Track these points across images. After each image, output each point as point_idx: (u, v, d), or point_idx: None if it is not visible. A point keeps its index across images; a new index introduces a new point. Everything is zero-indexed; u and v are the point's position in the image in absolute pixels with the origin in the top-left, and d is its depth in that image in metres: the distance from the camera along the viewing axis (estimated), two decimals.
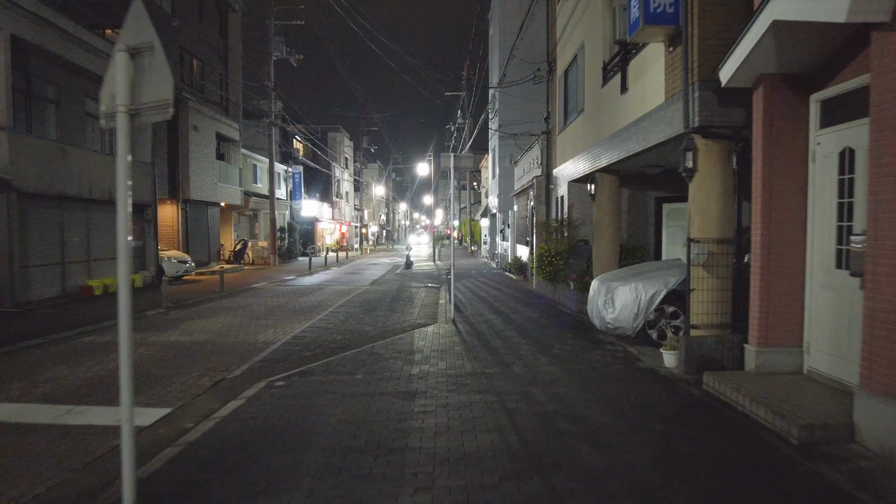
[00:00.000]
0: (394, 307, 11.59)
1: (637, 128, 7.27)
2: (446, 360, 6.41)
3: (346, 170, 46.90)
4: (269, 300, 12.83)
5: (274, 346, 7.68)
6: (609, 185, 9.40)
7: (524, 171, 17.33)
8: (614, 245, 9.44)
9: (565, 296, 10.45)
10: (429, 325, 9.21)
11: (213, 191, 21.89)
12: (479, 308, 10.99)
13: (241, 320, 9.91)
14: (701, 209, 5.63)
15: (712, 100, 5.44)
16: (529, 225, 16.04)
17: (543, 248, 11.48)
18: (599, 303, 7.04)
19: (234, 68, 24.92)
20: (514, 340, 7.56)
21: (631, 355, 6.48)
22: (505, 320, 9.36)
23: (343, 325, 9.40)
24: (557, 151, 12.74)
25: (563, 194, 12.22)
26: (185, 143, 19.62)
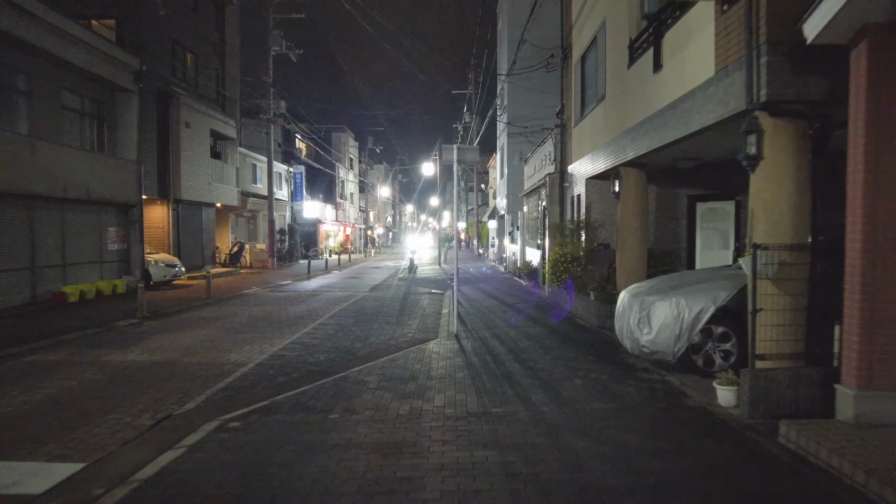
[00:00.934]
0: (391, 318, 10.44)
1: (675, 111, 6.06)
2: (445, 393, 5.23)
3: (350, 170, 45.89)
4: (256, 309, 11.72)
5: (245, 369, 6.55)
6: (636, 182, 8.20)
7: (535, 170, 16.13)
8: (641, 250, 8.23)
9: (583, 307, 9.25)
10: (429, 340, 8.05)
11: (207, 191, 20.87)
12: (485, 320, 9.81)
13: (218, 334, 8.79)
14: (768, 207, 4.42)
15: (784, 66, 4.24)
16: (541, 227, 14.84)
17: (558, 253, 10.28)
18: (632, 321, 5.83)
19: (232, 64, 23.92)
20: (527, 364, 6.37)
21: (673, 388, 5.27)
22: (515, 336, 8.16)
23: (330, 340, 8.25)
24: (573, 146, 11.54)
25: (579, 193, 11.02)
26: (176, 140, 18.60)
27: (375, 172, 61.29)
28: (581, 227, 10.33)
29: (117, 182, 14.65)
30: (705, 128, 5.40)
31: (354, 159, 48.40)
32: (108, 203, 14.49)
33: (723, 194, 8.28)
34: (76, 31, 12.66)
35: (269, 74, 24.20)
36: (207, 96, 21.47)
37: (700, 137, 5.98)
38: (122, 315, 10.60)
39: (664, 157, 7.62)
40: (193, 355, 7.26)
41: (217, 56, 22.89)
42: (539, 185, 14.36)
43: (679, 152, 7.18)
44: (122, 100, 15.46)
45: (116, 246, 15.04)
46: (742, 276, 5.59)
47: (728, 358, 5.47)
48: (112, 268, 14.72)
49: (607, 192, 10.08)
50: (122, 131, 15.52)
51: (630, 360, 6.35)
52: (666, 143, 6.41)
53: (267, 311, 11.30)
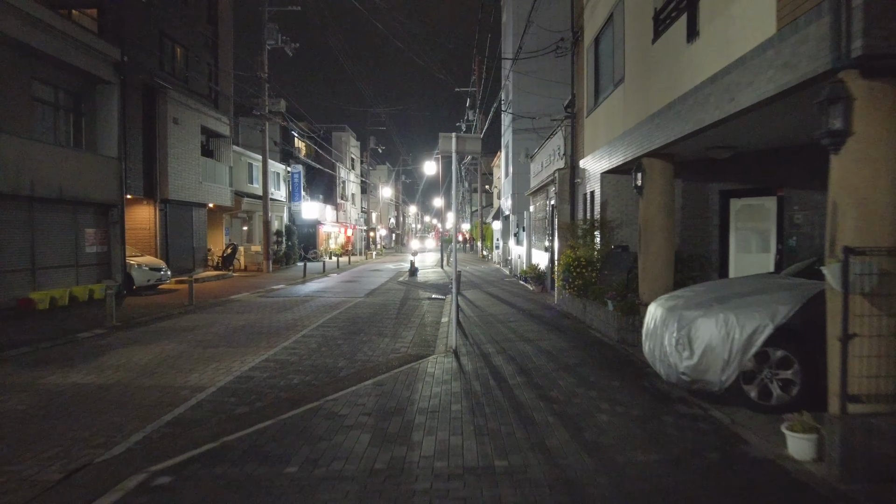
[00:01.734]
0: (384, 328, 9.40)
1: (717, 86, 5.00)
2: (437, 435, 4.18)
3: (351, 171, 44.94)
4: (238, 318, 10.71)
5: (203, 395, 5.52)
6: (661, 175, 7.12)
7: (542, 166, 15.07)
8: (667, 253, 7.15)
9: (600, 318, 8.17)
10: (423, 357, 7.00)
11: (197, 190, 19.91)
12: (488, 331, 8.75)
13: (187, 348, 7.77)
14: (859, 198, 3.35)
15: (888, 8, 3.18)
16: (549, 227, 13.78)
17: (570, 256, 9.21)
18: (668, 342, 4.76)
19: (225, 58, 22.99)
20: (538, 390, 5.31)
21: (724, 428, 4.19)
22: (522, 352, 7.10)
23: (311, 357, 7.21)
24: (585, 138, 10.47)
25: (592, 189, 9.95)
26: (163, 136, 17.65)
27: (378, 173, 60.32)
28: (595, 228, 9.27)
29: (96, 180, 13.69)
30: (761, 102, 4.34)
31: (356, 159, 47.46)
32: (86, 202, 13.53)
33: (762, 189, 7.19)
34: (44, 16, 11.70)
35: (265, 69, 23.28)
36: (198, 92, 20.53)
37: (747, 118, 4.91)
38: (89, 324, 9.62)
39: (696, 145, 6.56)
40: (149, 376, 6.24)
41: (209, 50, 21.96)
42: (547, 183, 13.30)
43: (716, 139, 6.11)
44: (103, 93, 14.51)
45: (95, 248, 14.08)
46: (805, 286, 4.51)
47: (788, 389, 4.39)
48: (90, 272, 13.75)
49: (625, 187, 9.02)
50: (102, 126, 14.57)
51: (661, 385, 5.28)
52: (703, 127, 5.34)
53: (249, 321, 10.28)
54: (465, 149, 7.27)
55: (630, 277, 7.98)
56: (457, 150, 7.24)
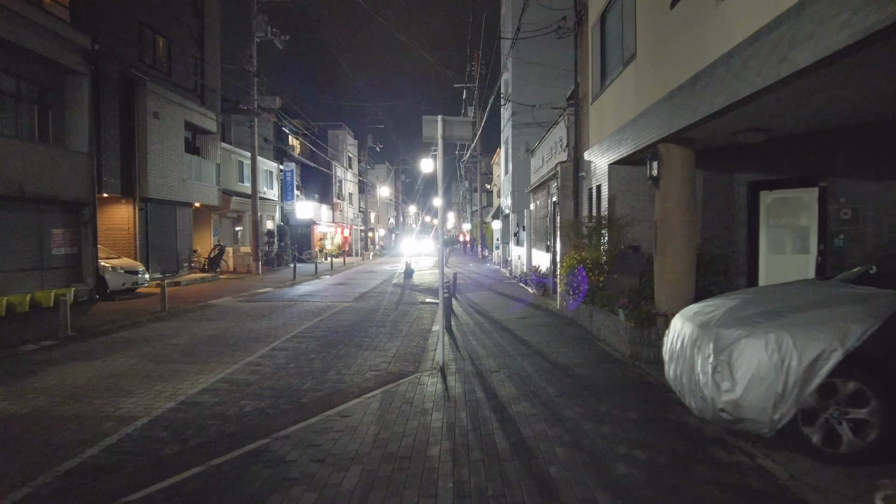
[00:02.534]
0: (366, 339, 8.41)
1: (762, 45, 4.00)
2: (402, 497, 3.18)
3: (349, 169, 43.98)
4: (209, 326, 9.73)
5: (129, 429, 4.54)
6: (681, 163, 6.12)
7: (543, 161, 14.08)
8: (688, 254, 6.16)
9: (609, 328, 7.16)
10: (405, 376, 6.02)
11: (181, 189, 18.95)
12: (484, 342, 7.75)
13: (137, 364, 6.79)
14: None
15: None
16: (550, 226, 12.77)
17: (574, 258, 8.21)
18: (700, 367, 3.76)
19: (212, 51, 22.02)
20: (539, 426, 4.30)
21: (783, 490, 3.18)
22: (520, 371, 6.10)
23: (274, 376, 6.23)
24: (590, 127, 9.47)
25: (599, 184, 8.95)
26: (142, 131, 16.69)
27: (377, 172, 59.37)
28: (603, 226, 8.27)
29: (63, 177, 12.74)
30: (824, 60, 3.34)
31: (353, 158, 46.53)
32: (52, 201, 12.58)
33: (799, 179, 6.19)
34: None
35: (253, 63, 22.31)
36: (182, 85, 19.57)
37: (798, 86, 3.92)
38: (41, 335, 8.66)
39: (723, 128, 5.56)
40: (76, 403, 5.25)
41: (195, 42, 20.99)
42: (548, 178, 12.29)
43: (750, 118, 5.11)
44: (72, 84, 13.55)
45: (63, 250, 13.12)
46: (883, 298, 3.51)
47: (863, 433, 3.39)
48: (57, 275, 12.79)
49: (636, 180, 8.02)
50: (72, 120, 13.60)
51: (691, 420, 4.27)
52: (739, 100, 4.35)
53: (220, 330, 9.30)
54: (453, 134, 6.28)
55: (643, 282, 6.98)
56: (444, 135, 6.24)
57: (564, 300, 9.04)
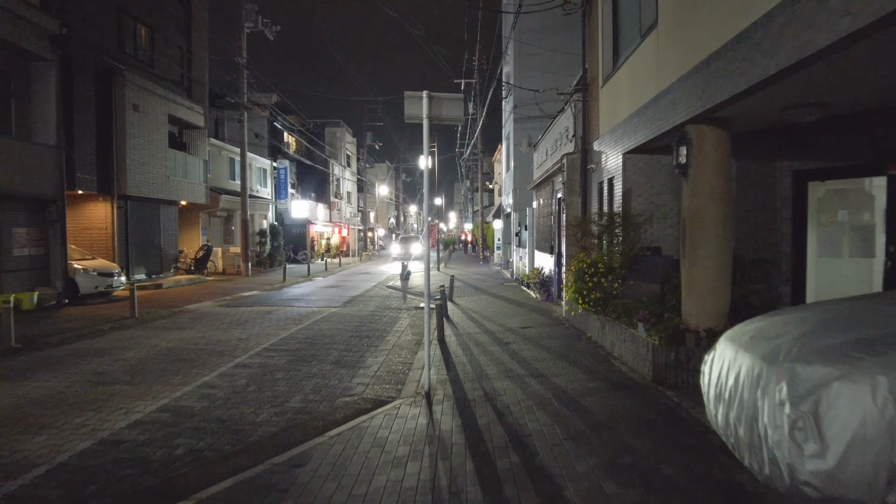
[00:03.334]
0: (347, 352, 7.38)
1: None
2: None
3: (347, 168, 42.98)
4: (175, 336, 8.72)
5: (12, 485, 3.53)
6: (715, 148, 5.08)
7: (547, 154, 13.04)
8: (723, 256, 5.12)
9: (626, 345, 6.12)
10: (383, 404, 5.02)
11: (164, 186, 17.97)
12: (479, 358, 6.73)
13: (72, 386, 5.79)
14: None
15: None
16: (555, 225, 11.73)
17: (584, 261, 7.16)
18: (768, 416, 2.73)
19: (199, 42, 21.03)
20: (544, 489, 3.27)
21: None
22: (522, 398, 5.07)
23: (228, 402, 5.21)
24: (602, 112, 8.43)
25: (611, 176, 7.91)
26: (120, 124, 15.71)
27: (377, 171, 58.35)
28: (616, 224, 7.22)
29: (27, 172, 11.76)
30: None
31: (352, 156, 45.55)
32: (13, 197, 11.61)
33: (862, 166, 5.14)
34: None
35: (243, 54, 21.32)
36: (167, 77, 18.58)
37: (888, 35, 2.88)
38: None
39: (772, 102, 4.52)
40: None
41: (181, 32, 20.01)
42: (552, 172, 11.24)
43: (814, 86, 4.07)
44: (39, 72, 12.58)
45: (27, 251, 12.15)
46: None
47: None
48: (19, 278, 11.81)
49: (655, 170, 6.98)
50: (39, 110, 12.62)
51: (749, 482, 3.22)
52: (809, 56, 3.31)
53: (185, 341, 8.29)
54: (441, 113, 5.25)
55: (666, 290, 5.94)
56: (430, 115, 5.22)
57: (572, 308, 7.98)
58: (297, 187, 33.89)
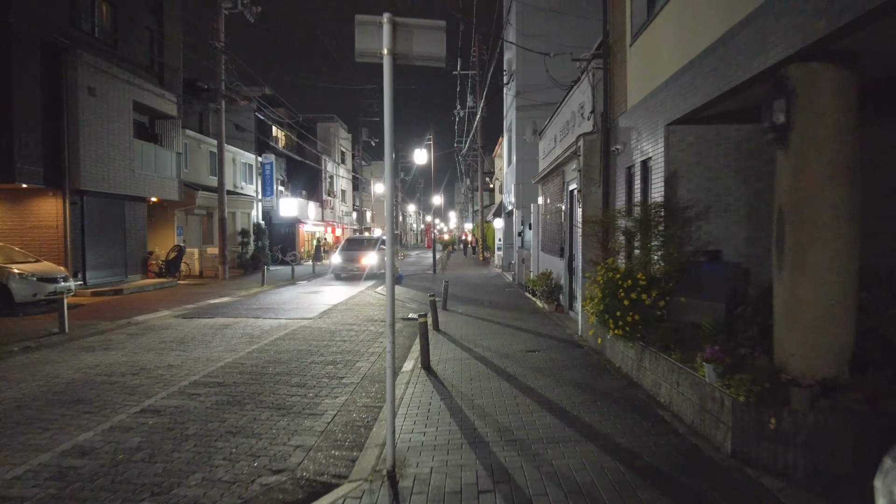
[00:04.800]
0: (296, 391, 5.58)
1: None
2: None
3: (341, 165, 41.20)
4: (89, 361, 6.91)
5: None
6: (834, 99, 3.28)
7: (555, 141, 11.24)
8: (845, 265, 3.32)
9: (680, 388, 4.29)
10: (319, 494, 3.22)
11: (129, 180, 16.19)
12: (474, 399, 4.92)
13: None
14: None
15: None
16: (566, 223, 9.93)
17: (616, 271, 5.31)
18: None
19: (172, 24, 19.25)
20: None
21: None
22: (535, 483, 3.26)
23: (88, 486, 3.41)
24: (631, 77, 6.63)
25: (646, 157, 6.09)
26: (73, 110, 13.92)
27: (374, 169, 56.54)
28: (656, 220, 5.39)
29: None
30: None
31: (347, 153, 43.77)
32: None
33: None
34: None
35: (221, 38, 19.49)
36: (132, 60, 16.78)
37: None
38: None
39: None
40: None
41: (151, 12, 18.23)
42: (564, 160, 9.43)
43: None
44: None
45: None
46: None
47: None
48: None
49: (712, 146, 5.16)
50: None
51: None
52: None
53: (100, 369, 6.49)
54: (412, 49, 3.46)
55: (736, 314, 4.13)
56: (395, 50, 3.42)
57: (598, 333, 6.14)
58: (286, 184, 32.12)
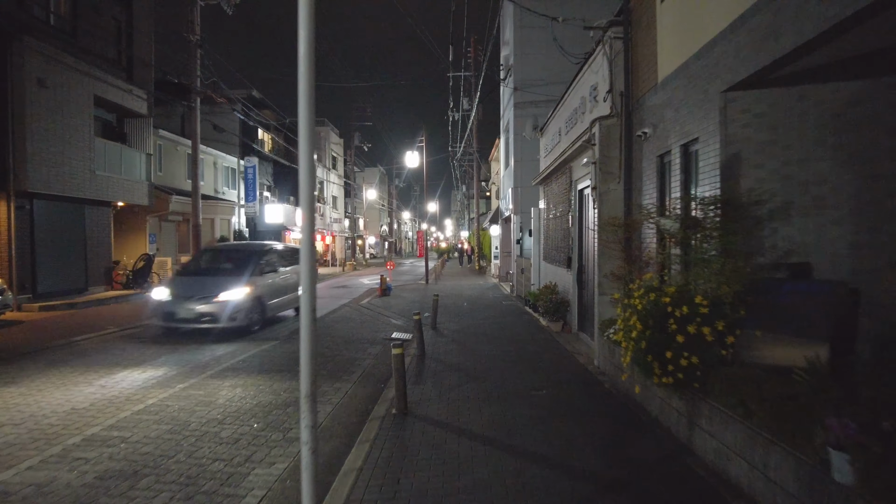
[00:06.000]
0: (204, 470, 4.08)
1: None
2: None
3: (332, 170, 39.79)
4: None
5: None
6: None
7: (560, 135, 9.82)
8: None
9: (764, 468, 2.82)
10: None
11: (89, 183, 14.70)
12: (454, 482, 3.42)
13: None
14: None
15: None
16: (573, 228, 8.49)
17: (662, 292, 3.83)
18: None
19: (143, 15, 17.85)
20: None
21: None
22: None
23: None
24: (665, 38, 5.22)
25: (688, 140, 4.66)
26: (18, 103, 12.46)
27: (368, 175, 55.18)
28: (708, 223, 3.93)
29: None
30: None
31: (339, 158, 42.40)
32: None
33: None
34: None
35: (196, 31, 18.08)
36: (93, 51, 15.33)
37: None
38: None
39: None
40: None
41: (119, 2, 16.80)
42: (571, 155, 8.01)
43: None
44: None
45: None
46: None
47: None
48: None
49: (794, 117, 3.73)
50: None
51: None
52: None
53: None
54: None
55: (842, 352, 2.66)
56: None
57: (635, 380, 4.64)
58: (273, 190, 30.68)
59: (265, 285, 9.98)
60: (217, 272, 9.99)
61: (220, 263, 10.47)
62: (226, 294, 8.95)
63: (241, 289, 9.17)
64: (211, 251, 11.70)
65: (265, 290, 9.93)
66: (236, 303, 8.93)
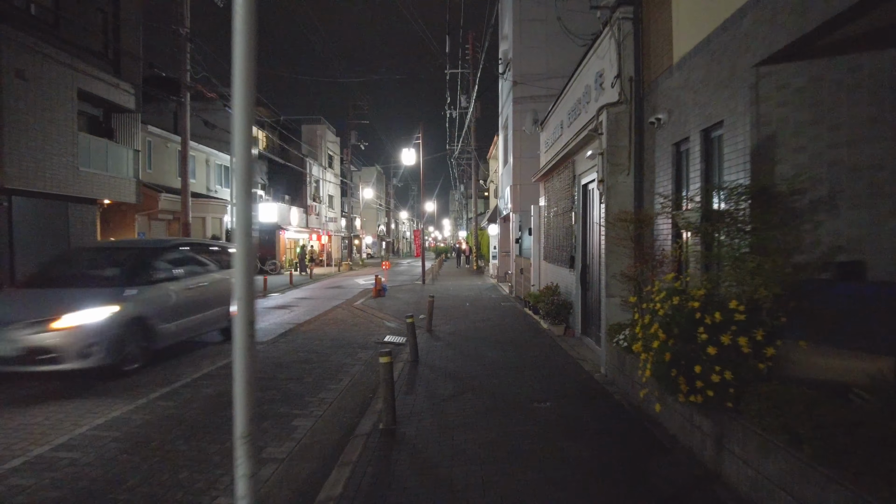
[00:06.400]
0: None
1: None
2: None
3: (328, 169, 39.24)
4: None
5: None
6: None
7: (562, 128, 9.32)
8: None
9: None
10: None
11: (72, 179, 14.17)
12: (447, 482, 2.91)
13: None
14: None
15: None
16: (576, 226, 7.99)
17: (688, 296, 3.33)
18: None
19: (131, 7, 17.31)
20: None
21: None
22: None
23: None
24: (679, 18, 4.73)
25: (710, 125, 4.16)
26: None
27: (365, 175, 54.63)
28: (741, 216, 3.43)
29: None
30: None
31: (335, 157, 41.87)
32: None
33: None
34: None
35: (185, 23, 17.56)
36: (77, 43, 14.78)
37: None
38: None
39: None
40: None
41: None
42: (575, 147, 7.51)
43: None
44: None
45: None
46: None
47: None
48: None
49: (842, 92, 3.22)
50: None
51: None
52: None
53: None
54: None
55: None
56: None
57: (657, 397, 4.12)
58: (267, 188, 30.16)
59: (156, 300, 6.78)
60: (76, 282, 6.65)
61: (88, 269, 7.21)
62: (74, 316, 5.69)
63: (104, 308, 5.96)
64: (78, 252, 8.90)
65: (156, 306, 6.73)
66: (92, 328, 5.73)
